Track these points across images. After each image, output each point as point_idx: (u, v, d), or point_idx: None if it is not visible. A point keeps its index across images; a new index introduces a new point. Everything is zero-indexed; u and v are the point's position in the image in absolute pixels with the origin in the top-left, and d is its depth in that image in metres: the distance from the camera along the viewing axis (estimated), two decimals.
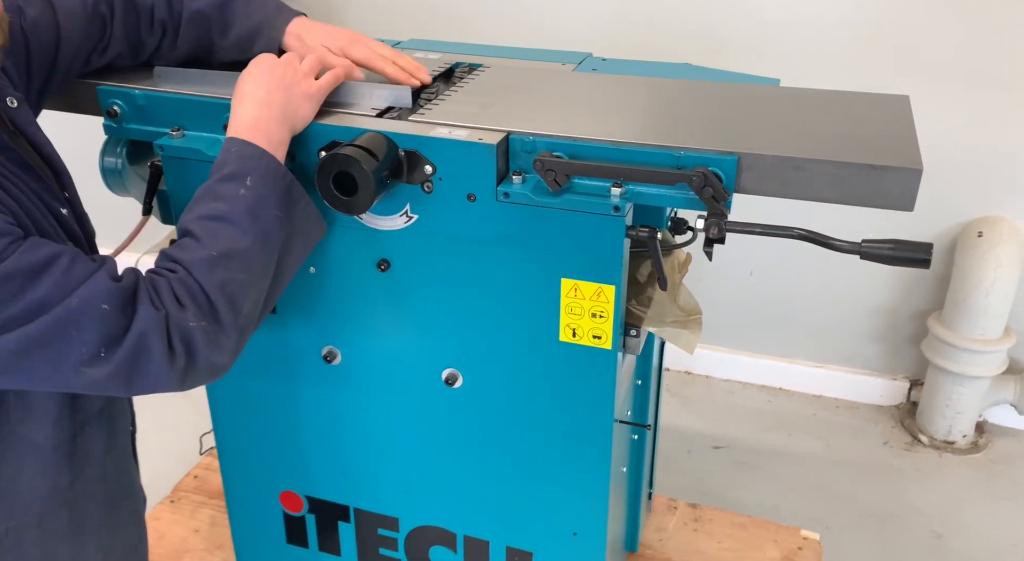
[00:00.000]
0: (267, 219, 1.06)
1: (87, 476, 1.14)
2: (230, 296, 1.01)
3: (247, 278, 1.03)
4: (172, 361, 0.97)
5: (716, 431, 2.54)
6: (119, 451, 1.20)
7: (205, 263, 1.00)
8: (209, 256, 1.01)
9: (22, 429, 1.04)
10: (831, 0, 2.20)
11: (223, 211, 1.04)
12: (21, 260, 0.89)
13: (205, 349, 0.99)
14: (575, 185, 1.14)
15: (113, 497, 1.20)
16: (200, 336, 0.98)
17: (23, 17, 1.13)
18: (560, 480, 1.36)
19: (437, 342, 1.31)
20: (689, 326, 1.32)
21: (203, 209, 1.05)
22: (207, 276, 1.00)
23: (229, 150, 1.08)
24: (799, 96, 1.31)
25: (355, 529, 1.55)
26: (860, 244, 1.07)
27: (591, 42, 2.01)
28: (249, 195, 1.05)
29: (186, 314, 0.98)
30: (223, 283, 1.00)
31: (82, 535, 1.15)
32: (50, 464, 1.08)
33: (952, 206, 2.34)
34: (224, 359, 1.03)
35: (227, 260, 1.02)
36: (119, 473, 1.21)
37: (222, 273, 1.01)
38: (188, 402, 2.52)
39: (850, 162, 1.06)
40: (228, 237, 1.03)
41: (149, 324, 0.95)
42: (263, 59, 1.18)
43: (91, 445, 1.14)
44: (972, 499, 2.29)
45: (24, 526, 1.08)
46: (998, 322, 2.29)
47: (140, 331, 0.94)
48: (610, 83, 1.39)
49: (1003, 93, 2.17)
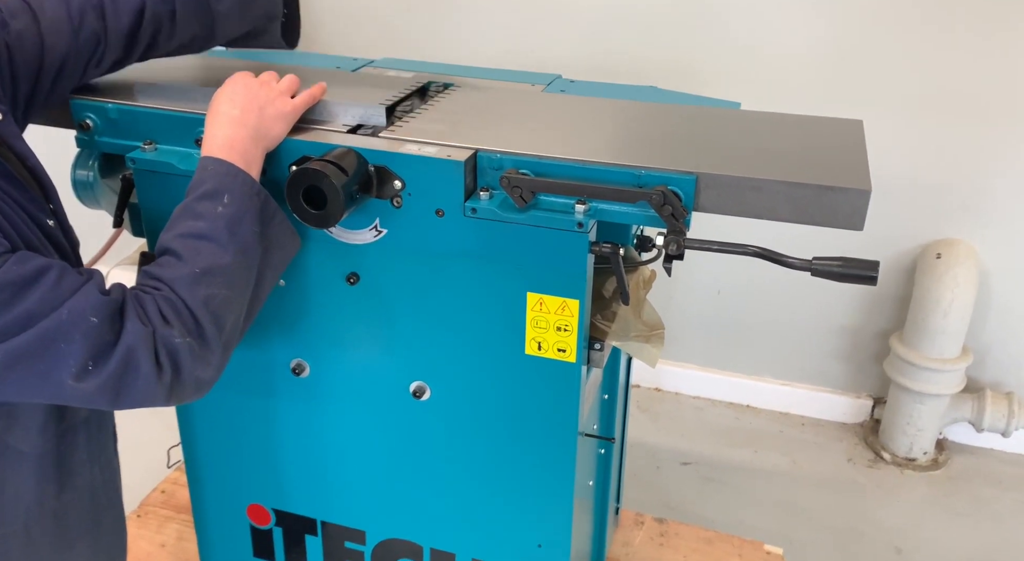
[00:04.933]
0: (246, 235, 1.08)
1: (74, 485, 1.14)
2: (214, 312, 1.03)
3: (229, 294, 1.05)
4: (159, 376, 0.98)
5: (684, 447, 2.57)
6: (105, 460, 1.21)
7: (188, 280, 1.02)
8: (192, 273, 1.02)
9: (8, 438, 1.04)
10: (796, 29, 2.27)
11: (203, 229, 1.05)
12: (10, 272, 0.90)
13: (191, 364, 1.00)
14: (540, 202, 1.18)
15: (99, 507, 1.21)
16: (186, 352, 1.00)
17: (7, 31, 1.14)
18: (525, 492, 1.38)
19: (405, 355, 1.33)
20: (652, 340, 1.35)
21: (183, 227, 1.06)
22: (191, 293, 1.01)
23: (206, 168, 1.10)
24: (758, 119, 1.36)
25: (322, 542, 1.56)
26: (811, 261, 1.11)
27: (561, 65, 2.05)
28: (227, 212, 1.06)
29: (172, 330, 0.99)
30: (207, 299, 1.02)
31: (68, 544, 1.16)
32: (36, 473, 1.08)
33: (912, 228, 2.41)
34: (209, 374, 1.05)
35: (210, 276, 1.03)
36: (105, 482, 1.21)
37: (205, 289, 1.02)
38: (156, 416, 2.50)
39: (803, 183, 1.10)
40: (209, 254, 1.04)
41: (137, 339, 0.96)
42: (239, 77, 1.21)
43: (77, 454, 1.14)
44: (932, 515, 2.34)
45: (10, 535, 1.08)
46: (956, 341, 2.36)
47: (128, 345, 0.95)
48: (577, 104, 1.43)
49: (961, 119, 2.25)
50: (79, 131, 1.33)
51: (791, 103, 2.13)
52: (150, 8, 1.25)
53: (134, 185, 1.32)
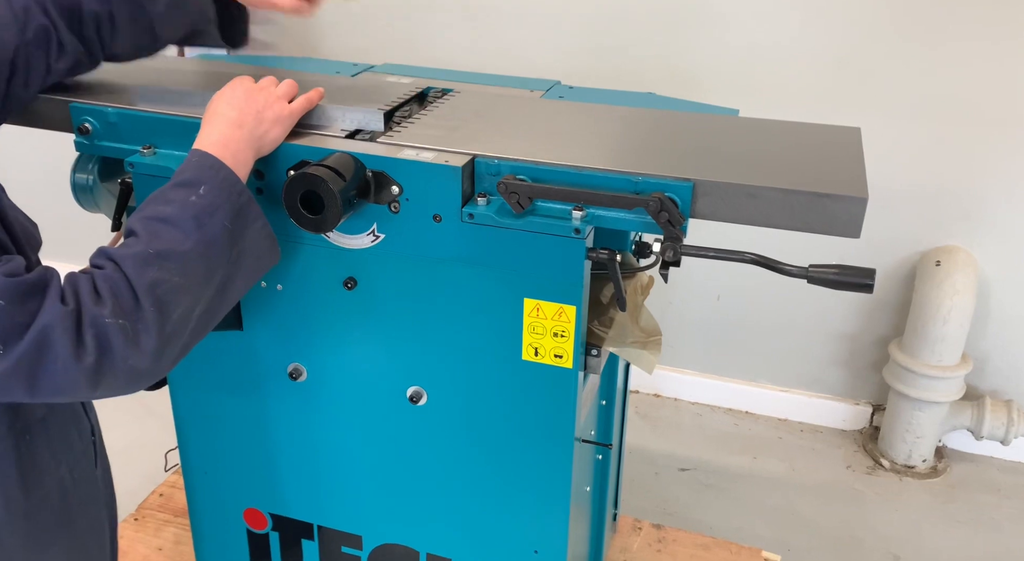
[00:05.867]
0: (214, 229, 1.05)
1: (41, 485, 1.12)
2: (160, 297, 0.98)
3: (182, 283, 1.01)
4: (80, 357, 0.93)
5: (683, 453, 2.57)
6: (74, 459, 1.18)
7: (138, 259, 0.99)
8: (144, 253, 0.99)
9: None
10: (795, 36, 2.27)
11: (168, 213, 1.03)
12: None
13: (122, 348, 0.95)
14: (538, 208, 1.18)
15: (70, 508, 1.18)
16: (116, 332, 0.94)
17: None
18: (522, 498, 1.37)
19: (402, 360, 1.33)
20: (649, 347, 1.35)
21: (149, 211, 1.04)
22: (137, 272, 0.98)
23: (190, 160, 1.10)
24: (756, 126, 1.36)
25: (319, 547, 1.56)
26: (807, 269, 1.11)
27: (560, 71, 2.06)
28: (199, 202, 1.05)
29: (102, 309, 0.94)
30: (154, 282, 0.98)
31: (41, 547, 1.14)
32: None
33: (911, 236, 2.41)
34: (144, 363, 0.98)
35: (163, 259, 1.00)
36: (76, 482, 1.19)
37: (155, 272, 0.99)
38: (154, 419, 2.51)
39: (800, 190, 1.10)
40: (169, 238, 1.02)
41: (53, 318, 0.91)
42: (239, 81, 1.21)
43: (39, 454, 1.11)
44: (930, 523, 2.33)
45: None
46: (955, 349, 2.35)
47: (42, 325, 0.91)
48: (575, 110, 1.44)
49: (961, 126, 2.25)
50: (78, 135, 1.34)
51: (790, 110, 2.14)
52: (87, 7, 1.25)
53: (133, 189, 1.32)
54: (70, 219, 1.38)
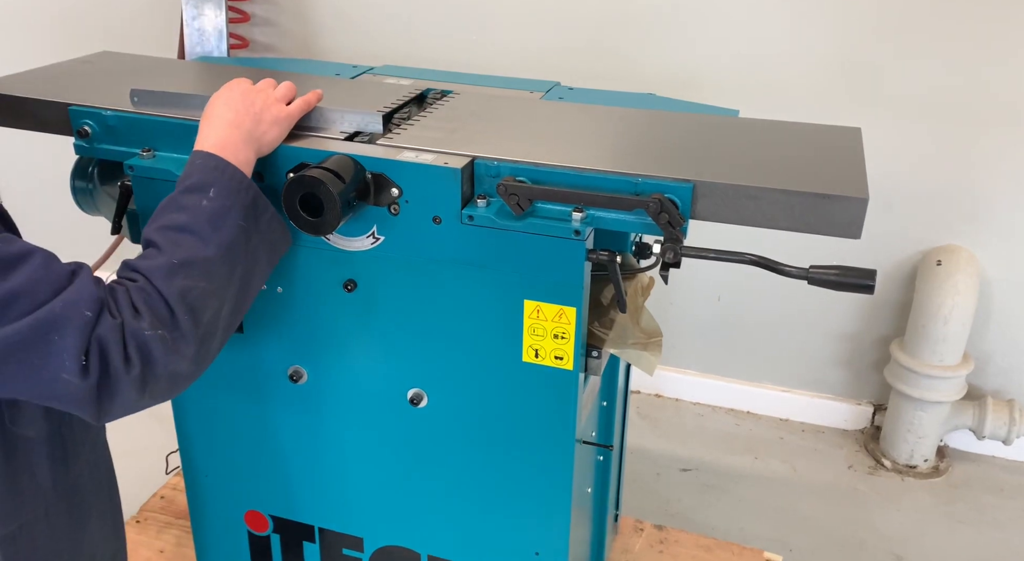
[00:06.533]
0: (230, 229, 1.07)
1: (78, 461, 1.15)
2: (191, 304, 1.01)
3: (208, 286, 1.03)
4: (128, 370, 0.95)
5: (685, 454, 2.57)
6: (94, 436, 1.21)
7: (164, 270, 1.01)
8: (169, 263, 1.01)
9: (16, 428, 1.04)
10: (796, 35, 2.27)
11: (184, 221, 1.05)
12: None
13: (163, 357, 0.98)
14: (538, 209, 1.18)
15: (100, 482, 1.22)
16: (157, 343, 0.97)
17: None
18: (523, 499, 1.37)
19: (402, 362, 1.33)
20: (650, 348, 1.35)
21: (165, 220, 1.06)
22: (166, 283, 1.00)
23: (194, 163, 1.10)
24: (756, 127, 1.36)
25: (320, 549, 1.56)
26: (808, 270, 1.11)
27: (560, 72, 2.06)
28: (211, 206, 1.06)
29: (141, 322, 0.97)
30: (183, 290, 1.00)
31: (83, 523, 1.17)
32: (48, 456, 1.09)
33: (913, 235, 2.40)
34: (185, 368, 1.02)
35: (188, 268, 1.02)
36: (98, 459, 1.22)
37: (182, 281, 1.01)
38: (155, 421, 2.50)
39: (800, 191, 1.10)
40: (189, 246, 1.03)
41: (107, 330, 0.94)
42: (236, 83, 1.21)
43: (76, 431, 1.14)
44: (933, 523, 2.33)
45: (33, 521, 1.09)
46: (956, 348, 2.35)
47: (99, 337, 0.94)
48: (575, 111, 1.43)
49: (962, 127, 2.25)
50: (78, 138, 1.34)
51: (791, 111, 2.14)
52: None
53: (133, 192, 1.32)
54: (70, 221, 1.38)
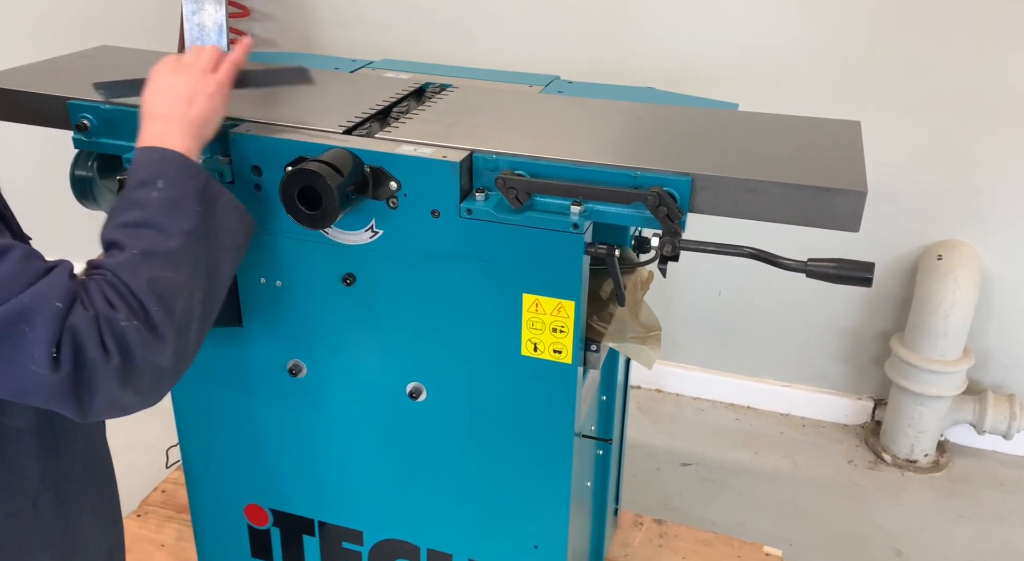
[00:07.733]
0: (187, 216, 1.06)
1: (70, 454, 1.15)
2: (159, 295, 1.00)
3: (176, 276, 1.03)
4: (107, 361, 0.94)
5: (685, 448, 2.57)
6: (89, 430, 1.21)
7: (129, 264, 1.00)
8: (132, 257, 1.01)
9: (3, 419, 1.04)
10: (796, 30, 2.26)
11: (140, 216, 1.04)
12: None
13: (142, 347, 0.97)
14: (536, 203, 1.18)
15: (94, 477, 1.22)
16: (134, 334, 0.96)
17: None
18: (522, 493, 1.37)
19: (401, 356, 1.33)
20: (648, 342, 1.35)
21: (121, 218, 1.05)
22: (132, 276, 0.99)
23: (137, 160, 1.09)
24: (755, 120, 1.35)
25: (319, 542, 1.56)
26: (806, 263, 1.11)
27: (559, 66, 2.05)
28: (163, 196, 1.05)
29: (117, 313, 0.96)
30: (151, 281, 1.00)
31: (75, 517, 1.17)
32: (36, 446, 1.09)
33: (914, 230, 2.40)
34: (166, 360, 1.01)
35: (151, 259, 1.01)
36: (95, 453, 1.22)
37: (147, 272, 1.00)
38: (155, 416, 2.51)
39: (799, 184, 1.10)
40: (150, 238, 1.03)
41: (79, 321, 0.93)
42: (159, 71, 1.18)
43: (68, 423, 1.14)
44: (933, 517, 2.33)
45: (21, 511, 1.09)
46: (957, 343, 2.35)
47: (71, 327, 0.93)
48: (574, 105, 1.43)
49: (963, 121, 2.24)
50: (76, 132, 1.34)
51: (791, 105, 2.13)
52: None
53: None
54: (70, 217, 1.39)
